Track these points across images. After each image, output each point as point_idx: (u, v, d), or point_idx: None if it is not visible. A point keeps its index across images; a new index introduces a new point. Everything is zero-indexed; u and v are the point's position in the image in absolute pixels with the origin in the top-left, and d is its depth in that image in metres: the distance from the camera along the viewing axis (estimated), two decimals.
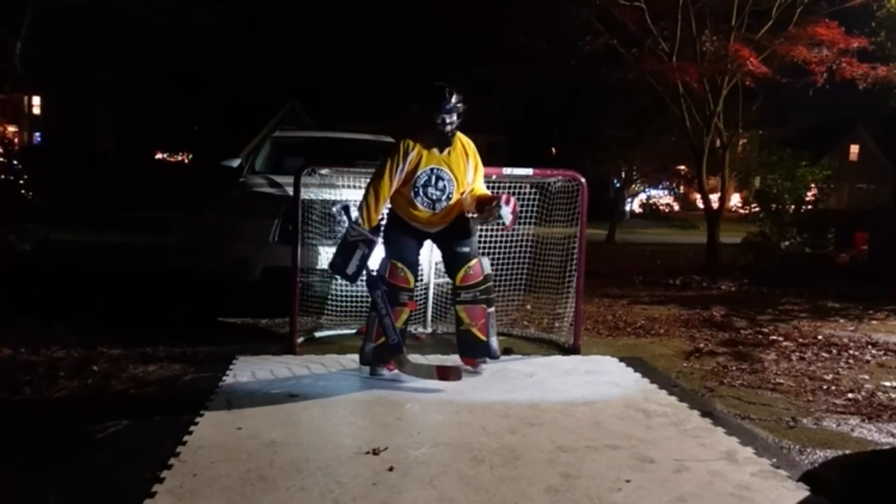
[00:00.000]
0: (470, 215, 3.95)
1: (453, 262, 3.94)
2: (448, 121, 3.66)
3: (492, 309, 3.99)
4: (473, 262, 3.90)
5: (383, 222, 3.92)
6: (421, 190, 3.76)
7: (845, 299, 7.15)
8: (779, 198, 9.88)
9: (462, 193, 3.86)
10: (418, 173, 3.74)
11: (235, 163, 6.34)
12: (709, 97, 10.28)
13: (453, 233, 3.93)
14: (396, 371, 3.86)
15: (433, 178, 3.76)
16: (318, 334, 4.76)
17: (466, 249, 3.90)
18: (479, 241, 5.03)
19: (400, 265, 3.82)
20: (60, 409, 3.24)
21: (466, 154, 3.84)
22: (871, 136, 37.64)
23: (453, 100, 3.66)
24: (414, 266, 3.93)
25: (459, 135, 3.82)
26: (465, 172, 3.83)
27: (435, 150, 3.76)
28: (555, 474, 2.62)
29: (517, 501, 2.40)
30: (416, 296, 5.04)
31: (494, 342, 4.00)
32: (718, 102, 10.25)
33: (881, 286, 7.66)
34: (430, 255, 5.07)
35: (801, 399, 3.78)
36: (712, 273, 9.14)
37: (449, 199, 3.80)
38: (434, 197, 3.77)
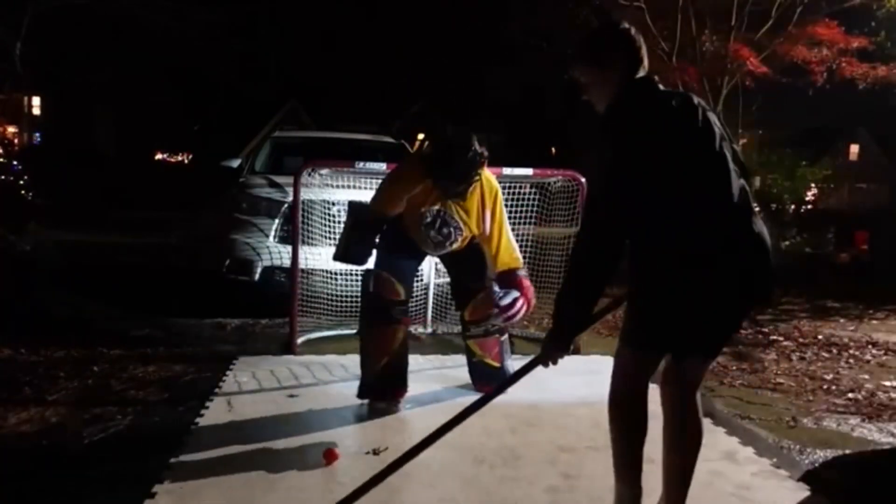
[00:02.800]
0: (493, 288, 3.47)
1: (462, 294, 3.50)
2: (459, 182, 3.13)
3: (505, 337, 3.60)
4: (481, 296, 3.45)
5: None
6: (423, 229, 3.26)
7: (845, 299, 7.15)
8: (779, 198, 9.88)
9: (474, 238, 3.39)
10: (423, 210, 3.25)
11: (235, 163, 6.34)
12: (709, 97, 10.27)
13: (464, 261, 3.44)
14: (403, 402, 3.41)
15: (437, 222, 3.25)
16: (317, 334, 4.75)
17: (478, 284, 3.46)
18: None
19: (385, 275, 3.31)
20: (60, 410, 3.23)
21: (483, 197, 3.30)
22: (872, 135, 37.60)
23: (471, 154, 3.08)
24: (407, 278, 3.43)
25: (485, 172, 3.28)
26: (479, 219, 3.31)
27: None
28: (555, 474, 2.62)
29: (518, 501, 2.40)
30: (416, 296, 5.06)
31: (509, 364, 3.56)
32: (718, 102, 10.25)
33: (881, 286, 7.65)
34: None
35: (801, 399, 3.78)
36: None
37: (452, 245, 3.32)
38: (436, 241, 3.28)
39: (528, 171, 4.73)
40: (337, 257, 3.42)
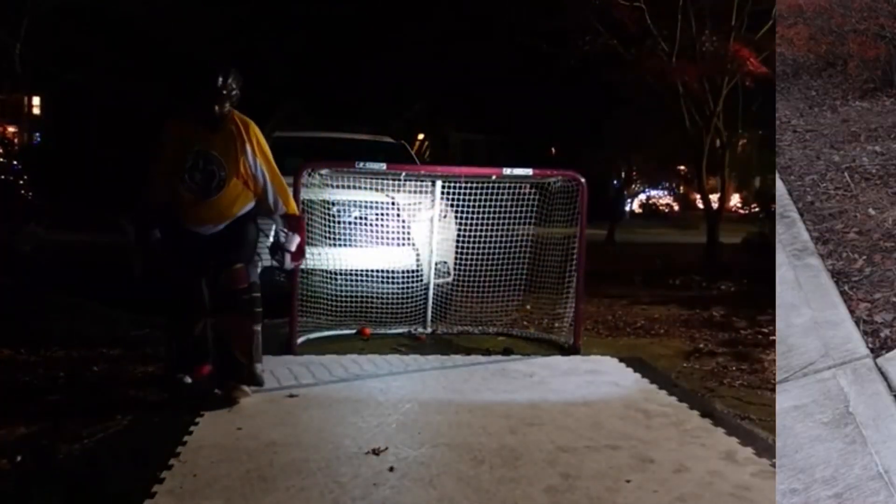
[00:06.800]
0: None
1: (218, 268, 3.41)
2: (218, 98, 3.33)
3: (258, 327, 3.47)
4: (238, 266, 3.38)
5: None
6: (187, 176, 3.32)
7: None
8: None
9: (243, 185, 3.40)
10: (185, 156, 3.34)
11: None
12: (709, 97, 10.27)
13: (227, 240, 3.43)
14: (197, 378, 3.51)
15: (200, 162, 3.32)
16: (317, 334, 4.76)
17: (234, 256, 3.41)
18: (478, 242, 5.04)
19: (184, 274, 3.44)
20: (60, 410, 3.24)
21: (240, 133, 3.40)
22: None
23: (221, 80, 3.32)
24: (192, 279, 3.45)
25: (237, 113, 3.46)
26: (240, 153, 3.37)
27: (203, 130, 3.38)
28: (555, 475, 2.62)
29: (517, 502, 2.40)
30: (417, 295, 5.07)
31: (258, 366, 3.46)
32: (718, 103, 10.24)
33: None
34: (429, 256, 5.08)
35: None
36: (712, 273, 9.12)
37: (220, 188, 3.34)
38: (200, 182, 3.32)
39: (528, 171, 4.74)
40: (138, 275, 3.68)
